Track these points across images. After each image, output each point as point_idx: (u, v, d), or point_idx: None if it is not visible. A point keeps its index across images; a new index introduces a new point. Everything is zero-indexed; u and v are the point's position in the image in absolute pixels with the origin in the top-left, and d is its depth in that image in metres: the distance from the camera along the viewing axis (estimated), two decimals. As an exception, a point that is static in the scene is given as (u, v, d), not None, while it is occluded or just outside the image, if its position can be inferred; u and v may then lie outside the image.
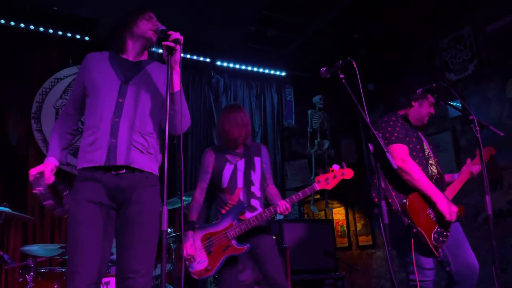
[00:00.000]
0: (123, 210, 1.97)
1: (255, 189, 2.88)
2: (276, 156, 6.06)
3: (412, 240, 2.34)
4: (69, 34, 4.91)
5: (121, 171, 1.94)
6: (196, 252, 2.74)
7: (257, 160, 2.94)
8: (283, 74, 6.34)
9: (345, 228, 6.39)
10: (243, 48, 5.66)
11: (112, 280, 3.15)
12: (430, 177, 2.50)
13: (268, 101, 6.31)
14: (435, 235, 2.39)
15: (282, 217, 4.87)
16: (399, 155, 2.43)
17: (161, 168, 1.90)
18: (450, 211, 2.41)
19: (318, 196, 6.38)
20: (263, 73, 6.21)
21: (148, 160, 2.00)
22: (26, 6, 4.53)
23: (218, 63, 5.83)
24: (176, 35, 1.92)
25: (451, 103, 2.74)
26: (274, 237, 2.97)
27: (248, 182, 2.86)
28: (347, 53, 2.52)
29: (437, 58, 5.14)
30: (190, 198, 4.23)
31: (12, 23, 4.60)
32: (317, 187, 2.73)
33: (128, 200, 1.96)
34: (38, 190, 1.94)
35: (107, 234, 1.95)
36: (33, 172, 1.95)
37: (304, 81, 6.29)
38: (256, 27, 5.26)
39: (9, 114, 4.57)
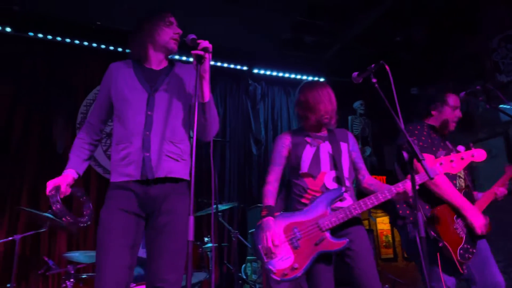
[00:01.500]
0: (153, 219, 1.97)
1: (343, 176, 2.34)
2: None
3: (438, 254, 2.21)
4: (111, 47, 5.10)
5: (154, 182, 1.93)
6: (279, 245, 2.21)
7: (343, 146, 2.44)
8: (322, 80, 6.22)
9: (390, 239, 6.12)
10: (280, 55, 5.63)
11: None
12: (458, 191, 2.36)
13: (307, 108, 6.20)
14: (460, 251, 2.25)
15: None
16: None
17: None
18: (481, 224, 2.26)
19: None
20: (300, 79, 6.14)
21: (183, 167, 2.01)
22: (72, 22, 4.76)
23: (255, 71, 5.83)
24: (205, 43, 1.89)
25: (501, 106, 2.56)
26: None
27: (334, 166, 2.36)
28: (388, 57, 2.41)
29: (487, 59, 4.83)
30: (228, 206, 4.26)
31: (59, 38, 4.85)
32: (441, 170, 2.17)
33: (158, 209, 1.96)
34: (56, 208, 1.90)
35: (136, 242, 1.95)
36: (50, 186, 1.95)
37: (343, 87, 6.09)
38: (292, 33, 5.22)
39: (56, 124, 4.79)
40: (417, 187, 1.97)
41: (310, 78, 6.14)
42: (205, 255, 4.00)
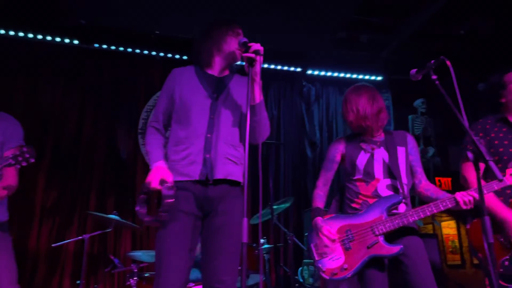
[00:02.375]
0: (209, 220, 2.01)
1: (398, 183, 2.31)
2: (374, 165, 5.74)
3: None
4: (169, 55, 5.30)
5: (212, 184, 1.97)
6: (330, 245, 2.26)
7: (400, 150, 2.40)
8: (379, 78, 6.03)
9: (457, 244, 5.78)
10: (335, 55, 5.54)
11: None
12: None
13: (364, 108, 6.04)
14: (505, 262, 2.08)
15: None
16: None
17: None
18: None
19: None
20: (356, 79, 5.98)
21: (241, 170, 2.06)
22: (132, 32, 5.01)
23: (309, 71, 5.77)
24: (256, 46, 1.92)
25: None
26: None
27: (389, 174, 2.34)
28: (450, 52, 2.28)
29: None
30: (282, 206, 4.25)
31: (121, 48, 5.13)
32: (510, 181, 2.07)
33: (215, 210, 2.00)
34: (168, 202, 1.85)
35: (194, 244, 2.00)
36: (155, 183, 1.90)
37: (402, 85, 5.89)
38: (347, 32, 5.11)
39: (119, 130, 5.06)
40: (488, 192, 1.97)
41: (367, 77, 5.98)
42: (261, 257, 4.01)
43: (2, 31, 4.66)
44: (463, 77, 1.86)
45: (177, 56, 5.33)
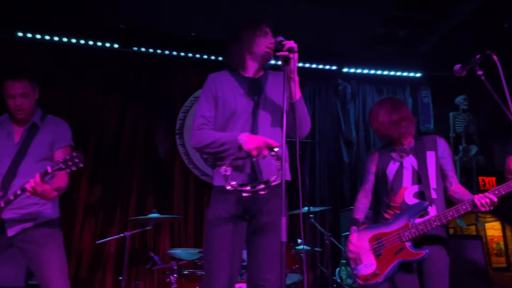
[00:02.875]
0: (254, 220, 2.06)
1: (426, 189, 2.41)
2: (413, 164, 5.59)
3: None
4: (205, 56, 5.38)
5: (259, 186, 1.98)
6: (362, 254, 2.45)
7: (430, 155, 2.50)
8: (418, 75, 5.87)
9: (502, 246, 5.54)
10: (372, 52, 5.42)
11: (244, 286, 3.27)
12: None
13: (402, 106, 5.90)
14: None
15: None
16: None
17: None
18: None
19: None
20: (394, 76, 5.85)
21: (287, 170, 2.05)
22: (169, 35, 5.12)
23: (345, 69, 5.69)
24: (290, 43, 1.92)
25: None
26: (449, 258, 2.40)
27: (418, 180, 2.45)
28: (494, 46, 2.18)
29: None
30: (320, 209, 4.23)
31: (159, 51, 5.25)
32: None
33: (260, 211, 2.04)
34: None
35: (240, 245, 2.05)
36: (265, 151, 1.88)
37: (443, 81, 5.71)
38: (384, 28, 5.00)
39: (158, 131, 5.18)
40: None
41: (405, 74, 5.83)
42: (299, 257, 4.00)
43: (47, 37, 4.88)
44: (506, 72, 1.77)
45: (213, 57, 5.39)
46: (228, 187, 1.88)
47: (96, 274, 4.59)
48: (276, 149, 1.85)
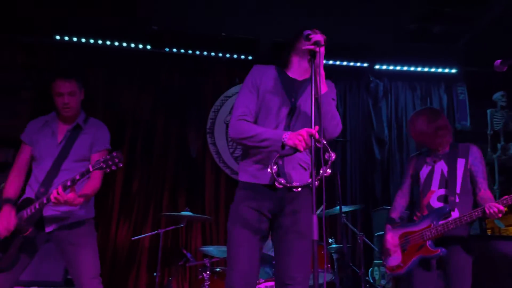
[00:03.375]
0: (280, 219, 2.05)
1: (451, 193, 2.66)
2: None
3: None
4: (235, 56, 5.40)
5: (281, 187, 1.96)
6: (393, 248, 2.78)
7: (460, 162, 2.71)
8: (454, 71, 5.70)
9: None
10: (405, 48, 5.33)
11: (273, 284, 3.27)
12: None
13: (436, 103, 5.76)
14: None
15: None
16: None
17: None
18: None
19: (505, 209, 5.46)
20: (428, 72, 5.70)
21: (308, 175, 2.05)
22: (200, 35, 5.18)
23: (377, 66, 5.59)
24: (316, 37, 1.88)
25: None
26: (471, 256, 2.62)
27: (444, 184, 2.69)
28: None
29: None
30: (352, 208, 4.17)
31: (190, 51, 5.32)
32: None
33: (285, 209, 2.03)
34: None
35: (262, 242, 2.05)
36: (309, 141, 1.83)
37: (480, 77, 5.52)
38: (418, 24, 4.87)
39: (189, 130, 5.25)
40: None
41: (440, 70, 5.67)
42: (331, 256, 3.97)
43: (83, 39, 5.04)
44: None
45: (243, 57, 5.41)
46: (278, 185, 1.86)
47: (131, 270, 4.71)
48: (322, 141, 1.80)
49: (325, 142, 1.79)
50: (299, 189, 1.93)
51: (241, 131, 1.99)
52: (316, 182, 1.76)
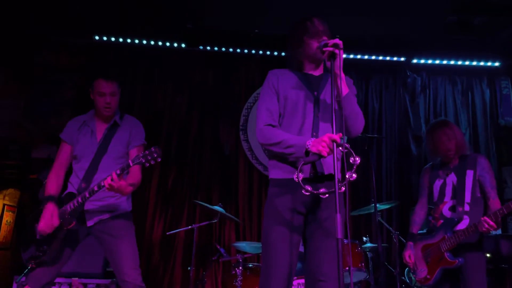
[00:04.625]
0: (313, 216, 2.05)
1: (460, 203, 2.88)
2: (491, 160, 5.21)
3: None
4: (268, 52, 5.40)
5: (322, 190, 1.97)
6: (417, 261, 2.98)
7: (469, 173, 2.90)
8: (497, 64, 5.44)
9: None
10: (444, 41, 5.12)
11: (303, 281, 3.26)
12: None
13: (478, 97, 5.52)
14: None
15: (499, 231, 4.16)
16: None
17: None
18: None
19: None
20: (469, 66, 5.47)
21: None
22: (233, 32, 5.20)
23: (414, 61, 5.42)
24: (334, 40, 1.93)
25: None
26: (486, 256, 2.90)
27: (454, 195, 2.91)
28: None
29: None
30: (387, 206, 4.08)
31: (223, 48, 5.37)
32: None
33: (318, 206, 2.03)
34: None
35: (296, 237, 2.05)
36: (329, 141, 1.86)
37: (525, 70, 5.25)
38: (458, 16, 4.68)
39: (223, 128, 5.30)
40: None
41: (482, 63, 5.43)
42: (365, 255, 3.90)
43: (121, 39, 5.19)
44: None
45: (276, 53, 5.40)
46: (305, 193, 1.88)
47: (166, 264, 4.82)
48: (344, 145, 1.82)
49: (348, 146, 1.79)
50: (327, 195, 1.95)
51: (268, 138, 2.04)
52: (342, 188, 1.77)
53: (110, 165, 2.63)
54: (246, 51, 5.38)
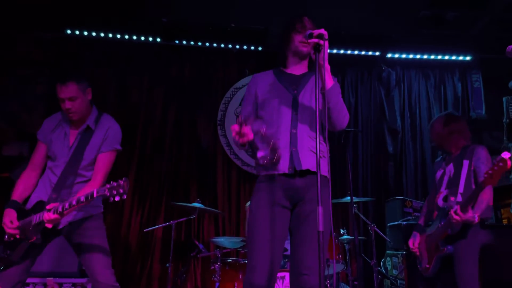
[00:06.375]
0: (297, 209, 2.09)
1: (452, 193, 2.90)
2: (463, 152, 5.34)
3: None
4: (244, 47, 5.37)
5: (299, 175, 2.04)
6: (422, 252, 3.04)
7: (465, 163, 2.89)
8: (468, 58, 5.58)
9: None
10: (417, 36, 5.21)
11: (287, 275, 3.29)
12: None
13: (450, 91, 5.67)
14: None
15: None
16: None
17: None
18: None
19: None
20: (442, 60, 5.60)
21: (324, 163, 2.08)
22: (210, 26, 5.15)
23: (389, 55, 5.50)
24: (319, 31, 1.94)
25: None
26: (477, 244, 2.80)
27: (449, 185, 2.93)
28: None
29: None
30: (363, 199, 4.14)
31: (199, 43, 5.31)
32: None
33: (303, 199, 2.07)
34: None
35: (283, 233, 2.08)
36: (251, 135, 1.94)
37: (495, 65, 5.40)
38: (431, 10, 4.76)
39: (200, 122, 5.27)
40: None
41: (454, 57, 5.57)
42: (343, 247, 3.97)
43: (93, 34, 5.06)
44: None
45: (253, 48, 5.37)
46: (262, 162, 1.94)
47: (144, 261, 4.77)
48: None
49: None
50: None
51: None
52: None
53: (83, 174, 2.58)
54: (222, 45, 5.34)
